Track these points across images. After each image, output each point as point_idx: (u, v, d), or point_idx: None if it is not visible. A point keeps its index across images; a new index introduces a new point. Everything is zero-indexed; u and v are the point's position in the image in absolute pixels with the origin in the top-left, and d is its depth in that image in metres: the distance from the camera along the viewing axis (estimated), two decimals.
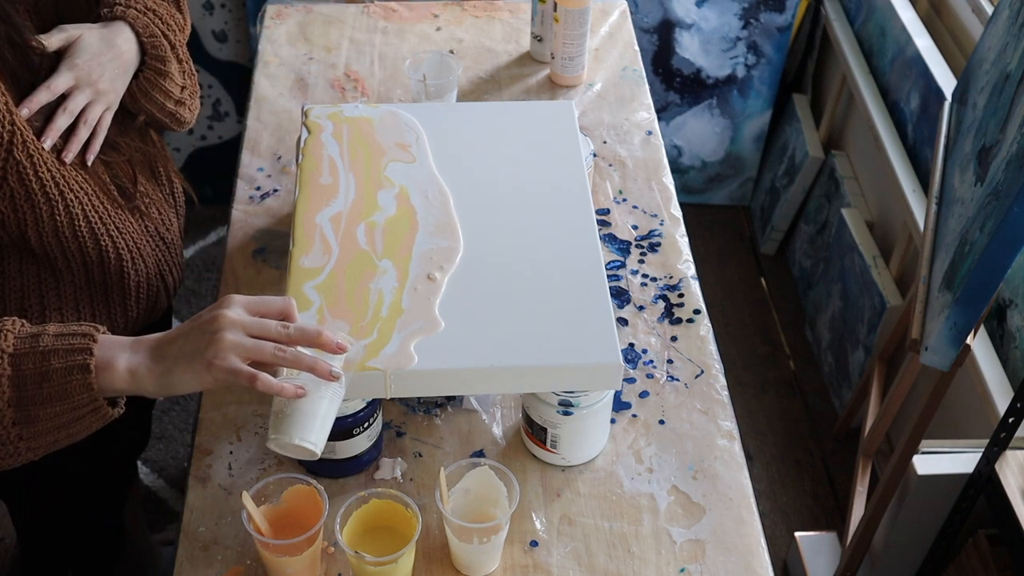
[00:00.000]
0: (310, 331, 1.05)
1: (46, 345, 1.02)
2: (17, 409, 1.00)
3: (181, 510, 1.25)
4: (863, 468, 2.17)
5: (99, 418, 1.04)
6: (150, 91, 1.34)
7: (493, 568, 1.20)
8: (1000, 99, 1.60)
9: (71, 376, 1.00)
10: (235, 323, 1.02)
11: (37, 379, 1.00)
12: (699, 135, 2.98)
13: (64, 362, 1.01)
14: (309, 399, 1.05)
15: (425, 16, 2.04)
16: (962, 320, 1.52)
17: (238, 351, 1.01)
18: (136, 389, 1.03)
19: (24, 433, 1.02)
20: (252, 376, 1.01)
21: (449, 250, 1.29)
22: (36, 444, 1.03)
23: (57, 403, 1.01)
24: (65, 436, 1.04)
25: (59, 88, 1.23)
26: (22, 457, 1.04)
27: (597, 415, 1.27)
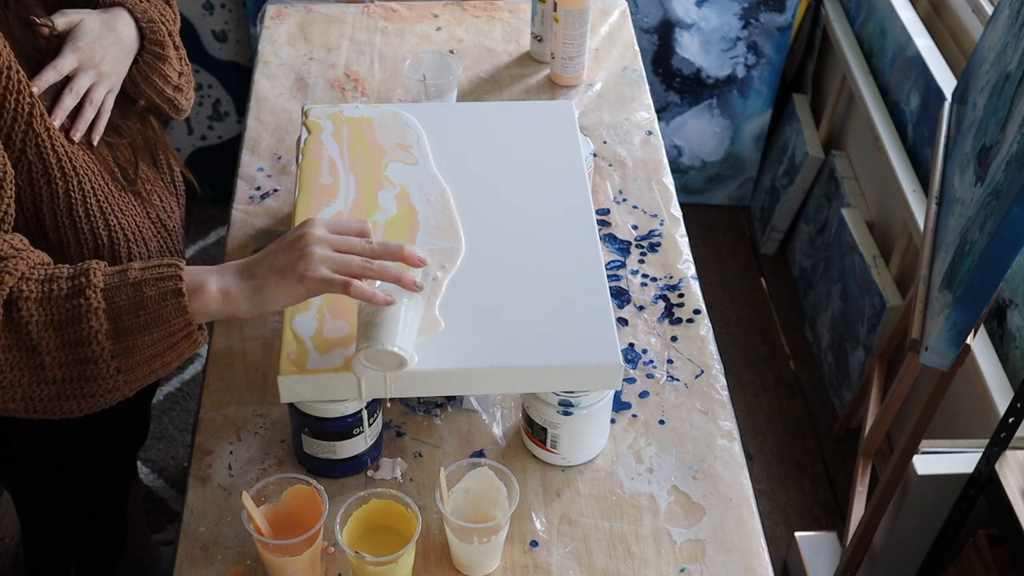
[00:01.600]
0: (392, 245, 1.10)
1: (135, 277, 1.05)
2: (115, 341, 1.03)
3: (181, 510, 1.25)
4: (863, 468, 2.17)
5: (191, 344, 1.07)
6: (150, 75, 1.36)
7: (493, 568, 1.20)
8: (1000, 99, 1.60)
9: (165, 302, 1.03)
10: (322, 239, 1.07)
11: (132, 308, 1.03)
12: (699, 135, 2.98)
13: (156, 289, 1.04)
14: (394, 308, 1.11)
15: (425, 16, 2.04)
16: (962, 320, 1.52)
17: (328, 264, 1.06)
18: (229, 309, 1.07)
19: (123, 365, 1.04)
20: (345, 283, 1.06)
21: (451, 251, 1.29)
22: (133, 377, 1.06)
23: (154, 330, 1.04)
24: (160, 366, 1.06)
25: (65, 69, 1.25)
26: (120, 392, 1.06)
27: (597, 415, 1.27)
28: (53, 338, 1.03)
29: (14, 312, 1.03)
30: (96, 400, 1.06)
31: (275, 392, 1.19)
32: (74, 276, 1.05)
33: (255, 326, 1.45)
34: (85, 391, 1.05)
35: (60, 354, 1.03)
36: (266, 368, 1.39)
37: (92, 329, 1.02)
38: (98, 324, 1.03)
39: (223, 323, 1.45)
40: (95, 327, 1.02)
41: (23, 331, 1.02)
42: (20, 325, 1.02)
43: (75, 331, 1.03)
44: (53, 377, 1.04)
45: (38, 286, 1.04)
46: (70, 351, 1.03)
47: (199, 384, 1.45)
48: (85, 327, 1.02)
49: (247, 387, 1.37)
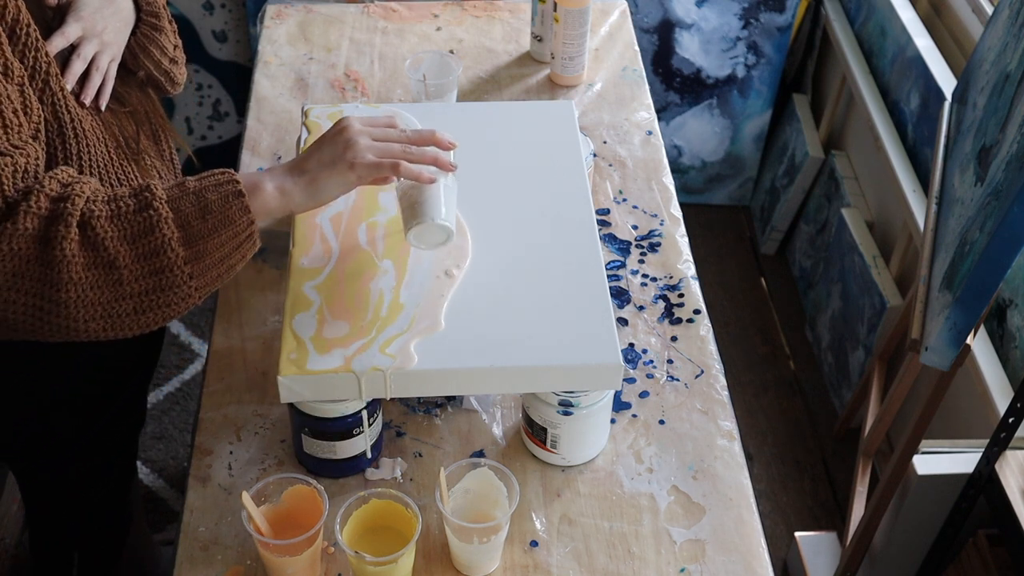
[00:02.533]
0: (425, 132, 1.21)
1: (194, 187, 1.12)
2: (187, 247, 1.09)
3: (181, 510, 1.25)
4: (863, 468, 2.17)
5: (252, 245, 1.14)
6: (148, 46, 1.40)
7: (493, 568, 1.20)
8: (1000, 99, 1.60)
9: (229, 204, 1.11)
10: (362, 131, 1.17)
11: (199, 214, 1.10)
12: (699, 135, 2.98)
13: (218, 193, 1.11)
14: (435, 187, 1.20)
15: (425, 16, 2.04)
16: (962, 320, 1.52)
17: (373, 151, 1.15)
18: (286, 205, 1.15)
19: (195, 271, 1.10)
20: (394, 165, 1.15)
21: (460, 248, 1.30)
22: (203, 282, 1.12)
23: (222, 232, 1.10)
24: (226, 269, 1.13)
25: (72, 35, 1.27)
26: (192, 300, 1.12)
27: (597, 415, 1.27)
28: (129, 252, 1.08)
29: (88, 231, 1.07)
30: (171, 310, 1.12)
31: (275, 392, 1.19)
32: (138, 193, 1.10)
33: (255, 326, 1.45)
34: (161, 301, 1.10)
35: (136, 267, 1.08)
36: (266, 368, 1.39)
37: (165, 238, 1.08)
38: (170, 232, 1.08)
39: (223, 323, 1.45)
40: (167, 235, 1.08)
41: (100, 248, 1.07)
42: (97, 243, 1.07)
43: (149, 242, 1.08)
44: (131, 291, 1.09)
45: (105, 206, 1.09)
46: (146, 262, 1.08)
47: (199, 384, 1.45)
48: (158, 236, 1.08)
49: (247, 387, 1.37)
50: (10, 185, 1.08)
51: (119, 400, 1.59)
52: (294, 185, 1.15)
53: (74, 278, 1.07)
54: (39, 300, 1.07)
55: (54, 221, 1.06)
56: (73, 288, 1.07)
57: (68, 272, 1.06)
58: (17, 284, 1.06)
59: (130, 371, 1.58)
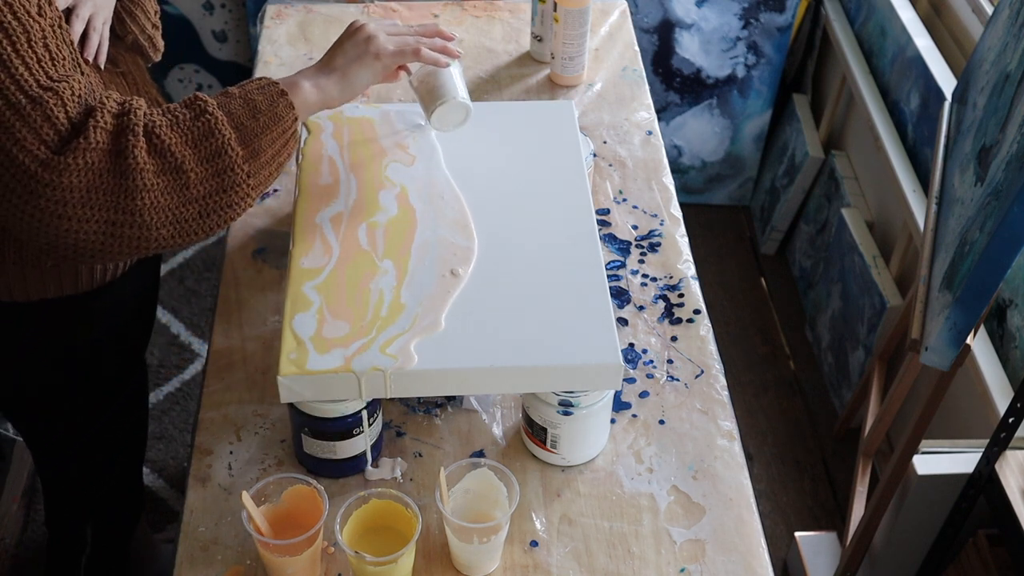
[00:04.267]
0: (429, 25, 1.35)
1: (239, 92, 1.20)
2: (244, 146, 1.17)
3: (181, 510, 1.25)
4: (863, 468, 2.17)
5: (296, 141, 1.23)
6: (133, 11, 1.44)
7: (493, 568, 1.20)
8: (1000, 99, 1.60)
9: (275, 102, 1.19)
10: (378, 28, 1.29)
11: (250, 114, 1.18)
12: (699, 135, 2.98)
13: (263, 95, 1.20)
14: (449, 70, 1.37)
15: (425, 16, 2.04)
16: (962, 320, 1.52)
17: (392, 42, 1.29)
18: (323, 99, 1.25)
19: (251, 169, 1.18)
20: (416, 50, 1.30)
21: (466, 248, 1.30)
22: (259, 180, 1.19)
23: (273, 128, 1.19)
24: (277, 167, 1.21)
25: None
26: (250, 198, 1.19)
27: (597, 415, 1.27)
28: (193, 155, 1.14)
29: (155, 139, 1.13)
30: (232, 211, 1.18)
31: (275, 392, 1.19)
32: (190, 103, 1.17)
33: (255, 326, 1.45)
34: (224, 202, 1.17)
35: (201, 168, 1.15)
36: (266, 368, 1.39)
37: (224, 138, 1.15)
38: (228, 133, 1.16)
39: (223, 323, 1.45)
40: (226, 136, 1.15)
41: (167, 154, 1.13)
42: (163, 149, 1.13)
43: (210, 144, 1.15)
44: (197, 194, 1.15)
45: (163, 116, 1.15)
46: (209, 164, 1.15)
47: (199, 384, 1.45)
48: (218, 137, 1.15)
49: (247, 387, 1.37)
50: (73, 105, 1.12)
51: (122, 360, 1.63)
52: (328, 80, 1.25)
53: (147, 184, 1.12)
54: (114, 213, 1.12)
55: (122, 132, 1.12)
56: (147, 194, 1.12)
57: (142, 179, 1.12)
58: (92, 199, 1.11)
59: (129, 324, 1.60)
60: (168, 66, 2.81)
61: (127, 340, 1.62)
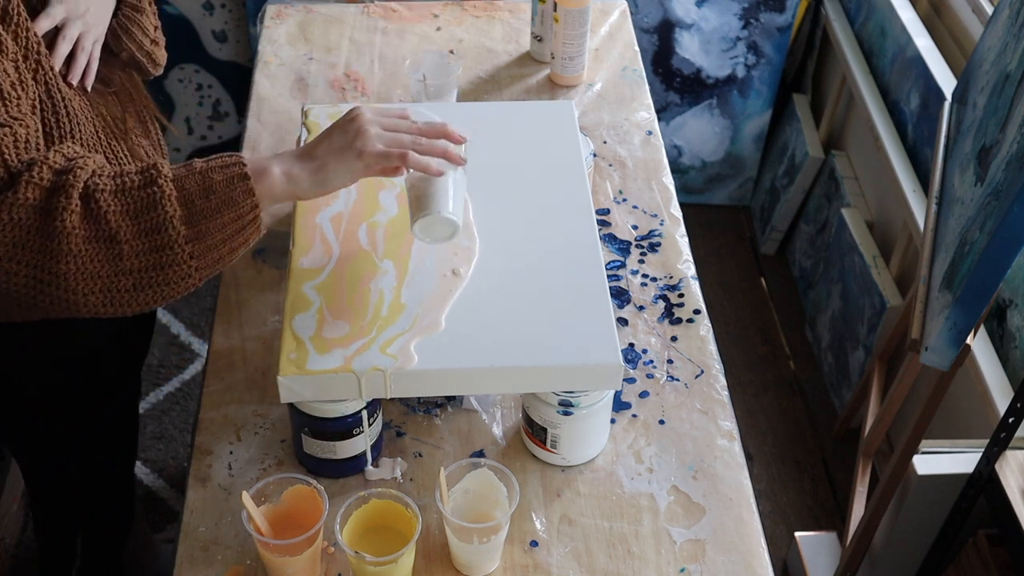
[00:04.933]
0: (436, 123, 1.21)
1: (201, 167, 1.11)
2: (189, 226, 1.09)
3: (181, 510, 1.25)
4: (863, 468, 2.17)
5: (256, 229, 1.13)
6: (130, 27, 1.41)
7: (493, 568, 1.20)
8: (1000, 99, 1.60)
9: (233, 185, 1.10)
10: (373, 120, 1.16)
11: (203, 194, 1.09)
12: (699, 135, 2.98)
13: (223, 175, 1.10)
14: (443, 179, 1.20)
15: (425, 16, 2.04)
16: (962, 320, 1.52)
17: (382, 140, 1.15)
18: (292, 190, 1.14)
19: (196, 251, 1.10)
20: (402, 155, 1.15)
21: (467, 248, 1.30)
22: (204, 263, 1.11)
23: (225, 213, 1.10)
24: (228, 251, 1.12)
25: (56, 17, 1.28)
26: (192, 280, 1.12)
27: (597, 415, 1.27)
28: (130, 226, 1.08)
29: (91, 204, 1.07)
30: (171, 289, 1.11)
31: (275, 392, 1.19)
32: (143, 170, 1.10)
33: (255, 326, 1.45)
34: (161, 279, 1.10)
35: (137, 242, 1.08)
36: (266, 368, 1.39)
37: (167, 214, 1.08)
38: (172, 210, 1.08)
39: (223, 323, 1.45)
40: (170, 212, 1.08)
41: (102, 221, 1.07)
42: (99, 215, 1.07)
43: (151, 218, 1.08)
44: (131, 267, 1.09)
45: (110, 180, 1.09)
46: (147, 239, 1.08)
47: (199, 384, 1.45)
48: (160, 213, 1.08)
49: (247, 387, 1.37)
50: (12, 155, 1.09)
51: (115, 376, 1.61)
52: (302, 171, 1.14)
53: (73, 250, 1.07)
54: (39, 271, 1.08)
55: (56, 192, 1.07)
56: (72, 260, 1.07)
57: (68, 244, 1.07)
58: (17, 255, 1.07)
59: (122, 347, 1.60)
60: (168, 66, 2.81)
61: (127, 341, 1.61)
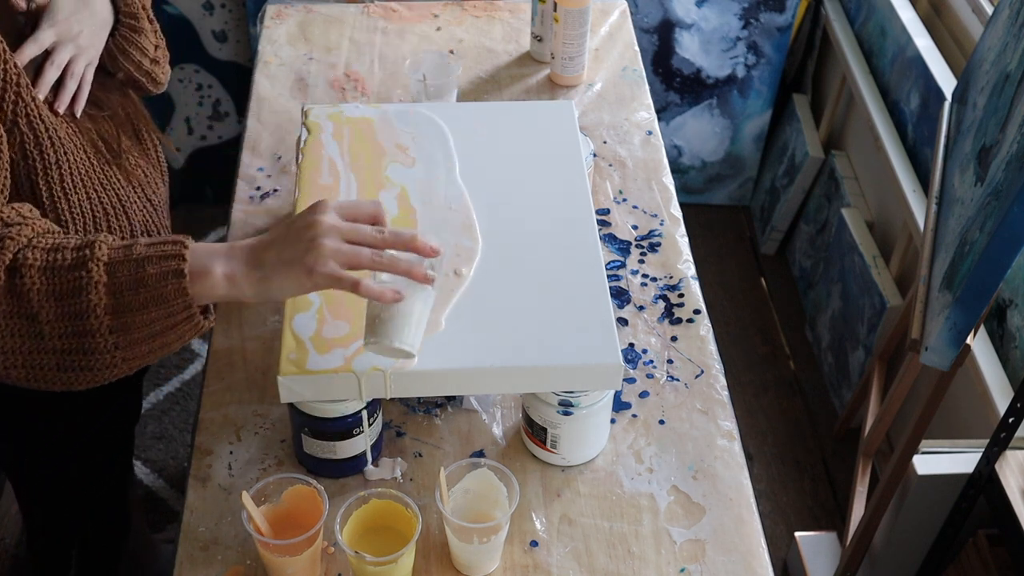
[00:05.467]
0: (404, 235, 1.07)
1: (139, 253, 1.04)
2: (114, 316, 1.03)
3: (181, 510, 1.25)
4: (863, 468, 2.17)
5: (192, 327, 1.06)
6: (127, 48, 1.37)
7: (493, 568, 1.20)
8: (1000, 99, 1.60)
9: (166, 281, 1.03)
10: (332, 229, 1.05)
11: (133, 285, 1.03)
12: (699, 135, 2.98)
13: (158, 268, 1.04)
14: (404, 302, 1.08)
15: (425, 16, 2.04)
16: (962, 320, 1.52)
17: (337, 257, 1.04)
18: (235, 295, 1.06)
19: (120, 342, 1.04)
20: (354, 283, 1.04)
21: (470, 249, 1.30)
22: (131, 354, 1.06)
23: (153, 309, 1.04)
24: (160, 346, 1.06)
25: (45, 42, 1.25)
26: (118, 370, 1.07)
27: (597, 415, 1.27)
28: (53, 308, 1.03)
29: (16, 279, 1.03)
30: (95, 374, 1.07)
31: (275, 392, 1.19)
32: (80, 247, 1.05)
33: (255, 326, 1.45)
34: (83, 364, 1.06)
35: (59, 324, 1.04)
36: (266, 368, 1.39)
37: (91, 303, 1.03)
38: (97, 298, 1.03)
39: (223, 323, 1.45)
40: (94, 301, 1.03)
41: (24, 298, 1.03)
42: (21, 292, 1.03)
43: (75, 303, 1.03)
44: (53, 347, 1.05)
45: (43, 254, 1.05)
46: (69, 323, 1.04)
47: (199, 384, 1.45)
48: (84, 300, 1.03)
49: (247, 387, 1.37)
50: None
51: (113, 396, 1.58)
52: (245, 278, 1.05)
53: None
54: None
55: None
56: None
57: None
58: None
59: None
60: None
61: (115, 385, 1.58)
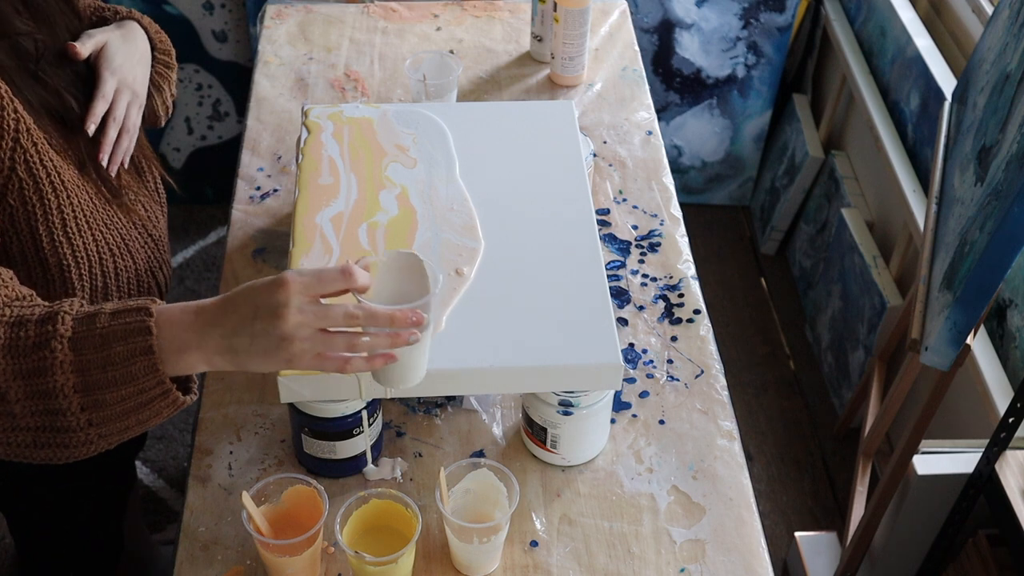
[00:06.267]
0: (380, 315, 1.00)
1: (103, 326, 1.00)
2: (84, 394, 0.99)
3: (181, 510, 1.25)
4: (863, 468, 2.17)
5: (170, 404, 1.02)
6: (161, 84, 1.39)
7: (493, 568, 1.20)
8: (1000, 99, 1.60)
9: (134, 360, 0.99)
10: (301, 324, 0.98)
11: (100, 364, 0.99)
12: (699, 135, 2.98)
13: (125, 346, 0.99)
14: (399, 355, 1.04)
15: (425, 16, 2.04)
16: (962, 320, 1.52)
17: (312, 352, 0.99)
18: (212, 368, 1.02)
19: (94, 419, 1.00)
20: (341, 368, 1.01)
21: (472, 250, 1.30)
22: (108, 430, 1.02)
23: (123, 387, 0.99)
24: (136, 422, 1.02)
25: (110, 94, 1.27)
26: (95, 446, 1.03)
27: (597, 415, 1.27)
28: (21, 387, 0.99)
29: None
30: (73, 451, 1.03)
31: (275, 392, 1.19)
32: (43, 321, 1.00)
33: None
34: (59, 442, 1.02)
35: (28, 403, 1.00)
36: None
37: (58, 383, 0.99)
38: (64, 378, 0.99)
39: None
40: (60, 381, 0.99)
41: None
42: None
43: (41, 383, 0.99)
44: (26, 424, 1.01)
45: (7, 331, 1.00)
46: (38, 401, 1.00)
47: (199, 384, 1.45)
48: (51, 380, 0.99)
49: (247, 387, 1.37)
50: None
51: None
52: (223, 362, 1.01)
53: None
54: None
55: None
56: None
57: None
58: None
59: None
60: None
61: None
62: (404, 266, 1.07)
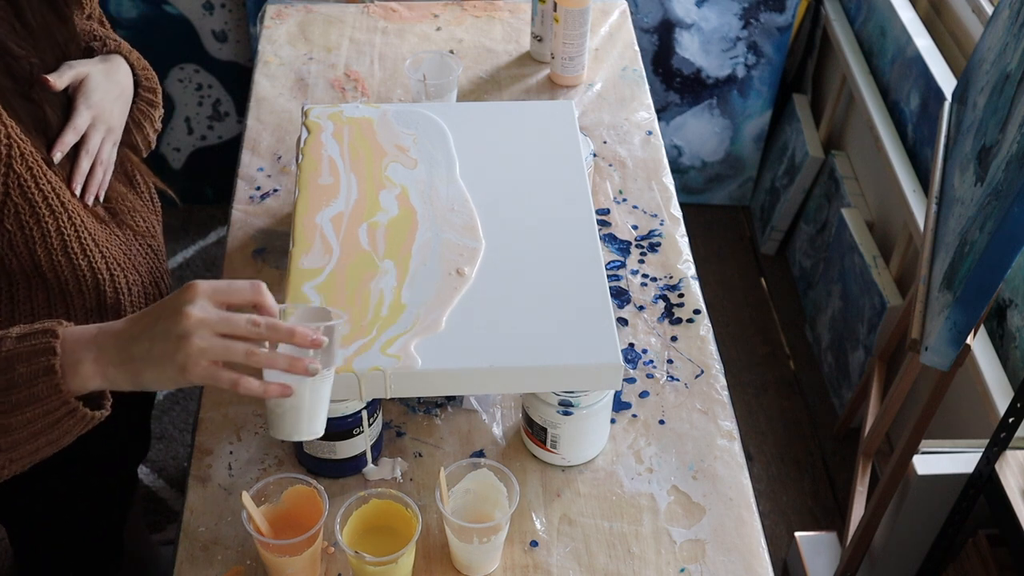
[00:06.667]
0: (282, 329, 0.99)
1: (8, 350, 0.98)
2: None
3: (181, 510, 1.25)
4: (863, 468, 2.17)
5: (78, 421, 1.00)
6: (142, 121, 1.38)
7: (493, 568, 1.20)
8: (1000, 99, 1.60)
9: (37, 380, 0.97)
10: (202, 323, 0.96)
11: (4, 387, 0.97)
12: (699, 135, 2.98)
13: (28, 367, 0.97)
14: (295, 397, 1.02)
15: (425, 16, 2.04)
16: (962, 320, 1.52)
17: (208, 355, 0.96)
18: (110, 387, 1.01)
19: (2, 444, 0.99)
20: (233, 383, 0.98)
21: (473, 250, 1.30)
22: (17, 454, 1.00)
23: (28, 409, 0.97)
24: (46, 443, 1.00)
25: (82, 127, 1.25)
26: (6, 470, 1.01)
27: (597, 415, 1.27)
28: None
29: None
30: None
31: None
32: None
33: None
34: None
35: None
36: None
37: None
38: None
39: None
40: None
41: None
42: None
43: None
44: None
45: None
46: None
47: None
48: None
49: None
50: None
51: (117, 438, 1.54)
52: (118, 373, 0.99)
53: None
54: None
55: None
56: None
57: None
58: None
59: None
60: (168, 66, 2.81)
61: None
62: (313, 319, 1.06)
